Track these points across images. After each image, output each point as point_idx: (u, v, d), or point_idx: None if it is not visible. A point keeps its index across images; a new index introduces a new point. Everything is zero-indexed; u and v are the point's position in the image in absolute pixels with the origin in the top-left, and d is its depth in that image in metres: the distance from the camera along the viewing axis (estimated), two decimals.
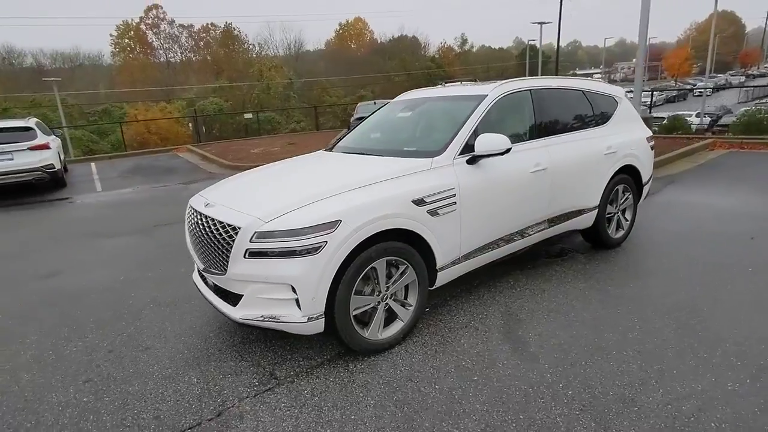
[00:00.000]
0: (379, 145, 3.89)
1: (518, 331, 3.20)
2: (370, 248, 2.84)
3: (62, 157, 12.16)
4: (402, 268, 3.05)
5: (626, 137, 4.57)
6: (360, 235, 2.75)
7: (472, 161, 3.37)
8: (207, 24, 55.78)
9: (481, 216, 3.43)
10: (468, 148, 3.37)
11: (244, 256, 2.71)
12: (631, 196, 4.74)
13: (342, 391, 2.67)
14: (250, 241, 2.68)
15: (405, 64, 53.07)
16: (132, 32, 53.55)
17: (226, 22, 50.89)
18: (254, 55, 49.72)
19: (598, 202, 4.37)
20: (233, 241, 2.74)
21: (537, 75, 35.67)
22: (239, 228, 2.73)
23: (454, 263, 3.34)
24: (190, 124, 23.47)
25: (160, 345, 3.31)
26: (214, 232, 2.90)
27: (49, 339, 3.50)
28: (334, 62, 54.71)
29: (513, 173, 3.61)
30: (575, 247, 4.76)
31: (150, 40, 53.85)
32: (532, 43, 45.74)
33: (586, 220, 4.34)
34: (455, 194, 3.22)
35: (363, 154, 3.79)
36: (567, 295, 3.69)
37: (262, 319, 2.76)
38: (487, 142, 3.31)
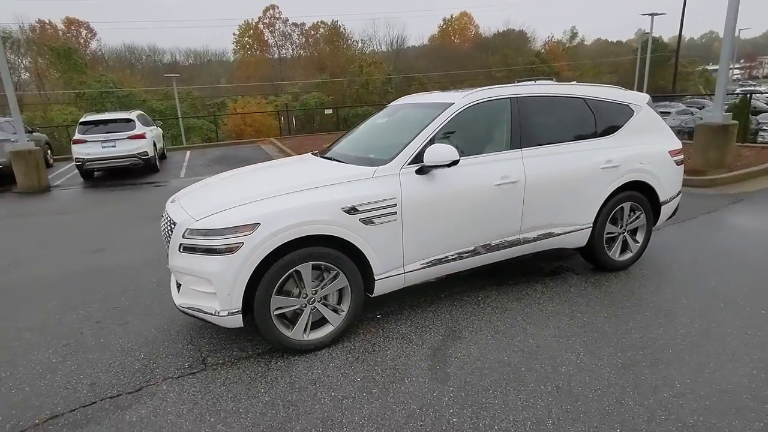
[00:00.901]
0: (351, 152, 3.96)
1: (449, 349, 3.11)
2: (294, 252, 2.96)
3: (159, 145, 13.75)
4: (333, 273, 3.12)
5: (636, 150, 4.12)
6: (279, 239, 2.89)
7: (421, 171, 3.32)
8: (317, 22, 58.72)
9: (431, 227, 3.37)
10: (421, 157, 3.33)
11: (179, 250, 2.99)
12: (643, 216, 4.27)
13: (249, 384, 2.84)
14: (182, 237, 2.95)
15: (507, 60, 51.25)
16: (251, 31, 58.28)
17: (333, 20, 53.20)
18: (356, 52, 51.39)
19: (593, 220, 4.01)
20: (173, 235, 3.03)
21: (648, 71, 32.46)
22: (176, 224, 3.01)
23: (396, 273, 3.32)
24: (282, 118, 25.11)
25: (136, 322, 3.73)
26: (166, 226, 3.23)
27: (62, 306, 4.12)
28: (435, 58, 54.57)
29: (473, 185, 3.48)
30: (573, 266, 4.42)
31: (266, 39, 58.17)
32: (653, 35, 41.56)
33: (577, 239, 4.02)
34: (396, 204, 3.20)
35: (334, 159, 3.89)
36: (527, 318, 3.48)
37: (192, 308, 3.02)
38: (434, 153, 3.25)
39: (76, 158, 11.18)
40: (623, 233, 4.26)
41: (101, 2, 68.47)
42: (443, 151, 3.23)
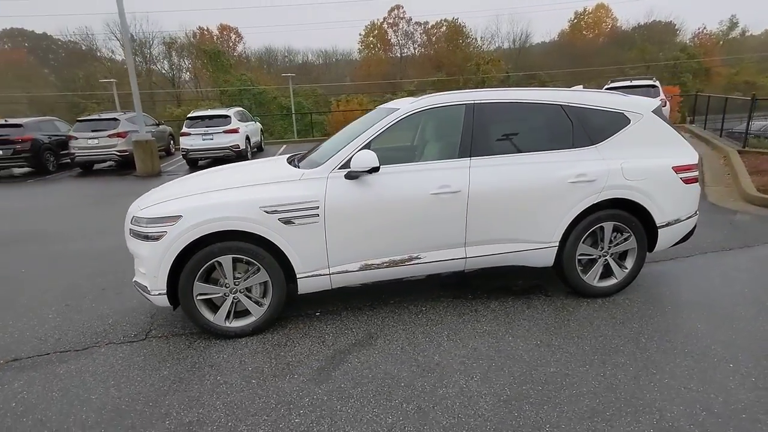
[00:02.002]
0: (314, 154, 4.10)
1: (351, 354, 3.14)
2: (214, 244, 3.24)
3: (255, 139, 15.13)
4: (254, 267, 3.35)
5: (623, 164, 3.64)
6: (199, 231, 3.19)
7: (349, 177, 3.37)
8: (441, 20, 58.87)
9: (360, 232, 3.41)
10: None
11: (129, 234, 3.45)
12: (633, 239, 3.77)
13: (162, 357, 3.20)
14: (130, 223, 3.40)
15: (645, 55, 46.13)
16: (376, 31, 60.47)
17: (453, 18, 52.80)
18: (474, 49, 50.47)
19: (560, 239, 3.66)
20: (125, 220, 3.52)
21: None
22: (128, 212, 3.49)
23: (321, 274, 3.43)
24: None
25: (128, 292, 4.32)
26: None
27: (95, 272, 4.91)
28: (561, 55, 51.28)
29: (405, 193, 3.43)
30: (550, 287, 4.05)
31: (389, 38, 59.90)
32: None
33: (542, 258, 3.70)
34: (318, 207, 3.31)
35: (294, 160, 4.08)
36: (452, 335, 3.34)
37: (137, 285, 3.47)
38: (358, 159, 3.29)
39: (182, 148, 12.88)
40: (605, 256, 3.80)
41: (250, 9, 76.43)
42: (365, 158, 3.26)
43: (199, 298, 3.32)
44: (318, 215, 3.32)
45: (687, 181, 3.79)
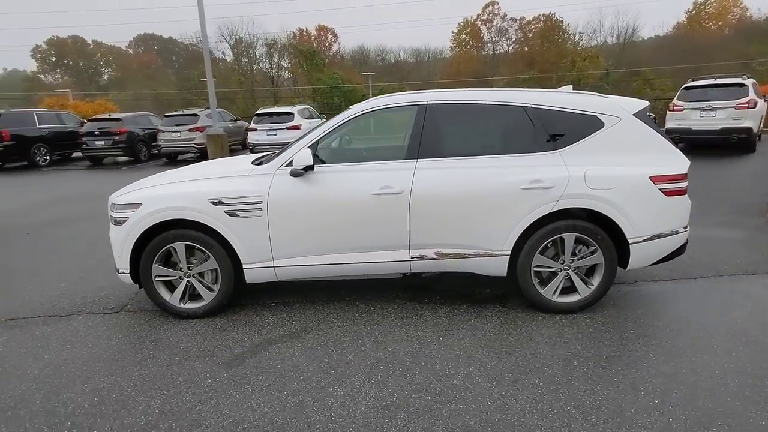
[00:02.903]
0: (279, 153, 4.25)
1: (273, 345, 3.26)
2: (169, 231, 3.55)
3: None
4: (205, 254, 3.60)
5: (587, 171, 3.35)
6: (155, 218, 3.50)
7: (294, 174, 3.48)
8: (538, 15, 56.33)
9: (302, 228, 3.51)
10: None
11: (109, 218, 3.88)
12: (600, 254, 3.45)
13: (114, 330, 3.56)
14: (110, 209, 3.82)
15: None
16: (468, 28, 59.48)
17: (550, 12, 50.06)
18: (571, 45, 47.56)
19: (511, 248, 3.47)
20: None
21: None
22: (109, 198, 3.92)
23: (266, 266, 3.59)
24: None
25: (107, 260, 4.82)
26: None
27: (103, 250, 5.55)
28: (673, 49, 46.52)
29: (347, 192, 3.46)
30: (518, 300, 3.83)
31: (481, 35, 58.60)
32: None
33: (493, 266, 3.53)
34: (261, 201, 3.47)
35: (262, 158, 4.25)
36: (381, 337, 3.32)
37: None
38: (297, 157, 3.40)
39: (248, 143, 13.82)
40: (566, 270, 3.52)
41: (346, 10, 78.99)
42: (302, 157, 3.36)
43: (157, 279, 3.64)
44: (261, 210, 3.47)
45: (669, 192, 3.38)
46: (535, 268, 3.50)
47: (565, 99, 3.56)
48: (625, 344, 3.10)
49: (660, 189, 3.36)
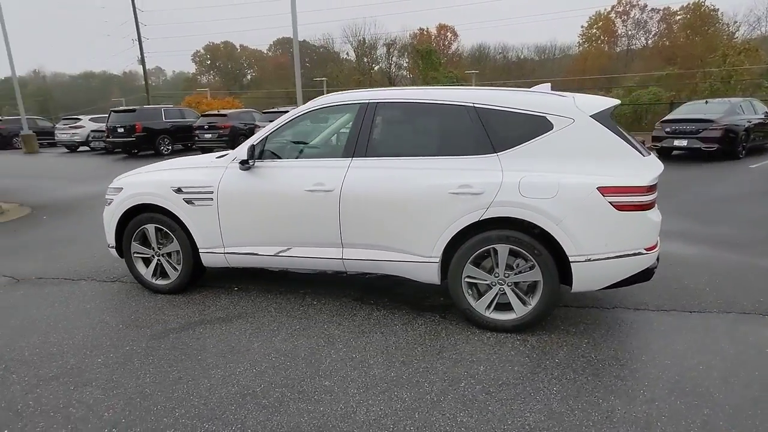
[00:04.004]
0: None
1: (204, 324, 3.50)
2: (142, 214, 4.00)
3: None
4: (170, 238, 3.99)
5: (522, 178, 3.03)
6: (131, 201, 3.97)
7: (243, 168, 3.68)
8: (688, 4, 49.92)
9: (244, 218, 3.72)
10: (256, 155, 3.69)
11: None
12: (537, 270, 3.10)
13: (96, 296, 4.10)
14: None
15: None
16: (600, 22, 54.83)
17: (701, 0, 43.75)
18: (726, 37, 41.19)
19: (440, 255, 3.28)
20: None
21: None
22: None
23: (217, 252, 3.85)
24: None
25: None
26: None
27: None
28: None
29: (284, 187, 3.57)
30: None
31: (615, 29, 53.61)
32: None
33: (424, 273, 3.37)
34: (212, 191, 3.74)
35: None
36: (297, 332, 3.37)
37: None
38: (238, 152, 3.60)
39: None
40: (501, 284, 3.22)
41: (470, 7, 77.62)
42: (240, 152, 3.56)
43: (135, 255, 4.12)
44: (212, 199, 3.74)
45: (622, 207, 2.92)
46: (468, 280, 3.27)
47: (514, 98, 3.25)
48: (534, 374, 2.77)
49: (610, 202, 2.92)
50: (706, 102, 12.42)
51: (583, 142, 3.06)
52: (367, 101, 3.50)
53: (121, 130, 16.26)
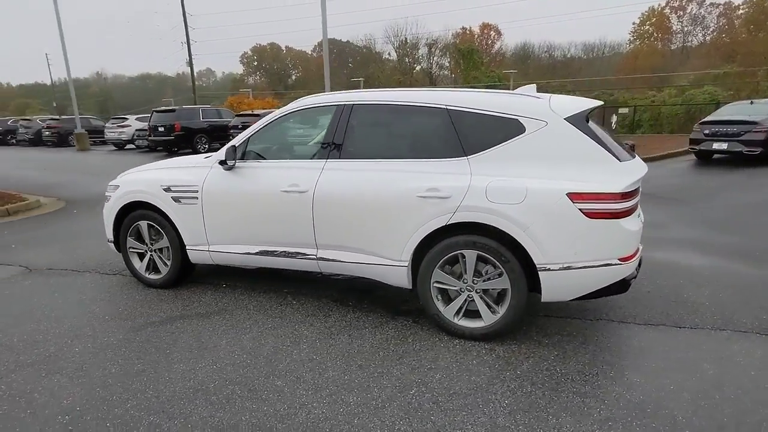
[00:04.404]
0: None
1: (184, 319, 3.60)
2: (137, 210, 4.16)
3: None
4: (161, 234, 4.13)
5: (490, 182, 2.93)
6: (127, 198, 4.14)
7: (226, 168, 3.76)
8: None
9: (225, 216, 3.80)
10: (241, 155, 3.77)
11: None
12: (505, 278, 3.00)
13: (95, 288, 4.29)
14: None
15: None
16: (654, 18, 52.38)
17: None
18: None
19: (410, 259, 3.23)
20: None
21: None
22: None
23: (202, 249, 3.96)
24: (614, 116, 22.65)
25: None
26: None
27: None
28: None
29: (262, 187, 3.62)
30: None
31: (669, 25, 51.07)
32: None
33: (395, 276, 3.33)
34: (197, 191, 3.84)
35: None
36: (267, 331, 3.41)
37: None
38: (220, 153, 3.69)
39: None
40: (469, 291, 3.13)
41: (514, 4, 75.85)
42: (221, 153, 3.64)
43: (130, 250, 4.29)
44: (197, 198, 3.84)
45: (593, 214, 2.77)
46: (437, 285, 3.20)
47: (487, 100, 3.15)
48: (490, 385, 2.67)
49: (580, 209, 2.77)
50: (752, 102, 11.59)
51: (556, 146, 2.93)
52: (344, 103, 3.50)
53: (161, 129, 16.99)
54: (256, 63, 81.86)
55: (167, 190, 3.93)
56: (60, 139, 23.84)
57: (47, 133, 24.16)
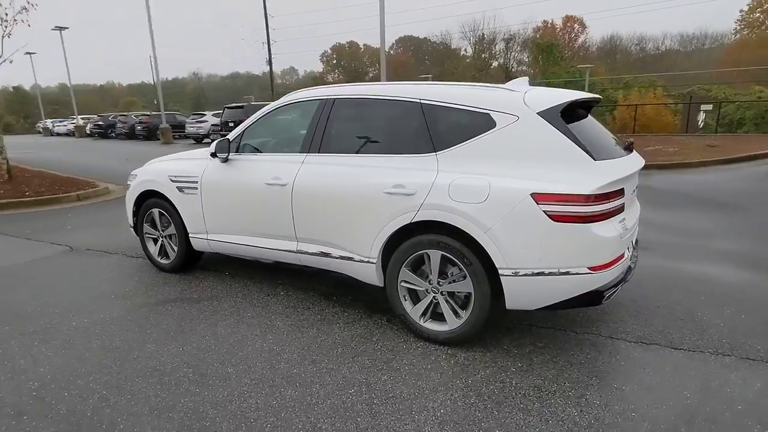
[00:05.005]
0: None
1: (175, 302, 3.80)
2: (151, 199, 4.46)
3: None
4: (169, 221, 4.39)
5: (454, 180, 2.79)
6: (142, 186, 4.45)
7: (222, 160, 3.91)
8: None
9: (219, 207, 3.95)
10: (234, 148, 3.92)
11: None
12: (468, 281, 2.84)
13: (116, 269, 4.65)
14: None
15: None
16: (766, 5, 46.71)
17: None
18: None
19: (378, 256, 3.16)
20: None
21: None
22: None
23: (202, 237, 4.15)
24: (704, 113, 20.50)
25: None
26: None
27: None
28: None
29: (249, 179, 3.71)
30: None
31: None
32: None
33: (366, 273, 3.28)
34: (197, 181, 4.03)
35: None
36: (244, 320, 3.50)
37: None
38: (212, 146, 3.84)
39: None
40: (435, 293, 3.00)
41: None
42: (212, 145, 3.78)
43: (146, 235, 4.61)
44: (197, 188, 4.03)
45: (558, 217, 2.54)
46: (404, 284, 3.11)
47: (461, 93, 2.99)
48: (434, 392, 2.55)
49: (545, 211, 2.56)
50: None
51: (526, 142, 2.72)
52: (327, 97, 3.49)
53: (231, 124, 18.01)
54: (335, 61, 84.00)
55: (173, 180, 4.17)
56: (149, 133, 26.09)
57: (139, 127, 26.57)
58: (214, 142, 3.84)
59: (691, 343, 2.97)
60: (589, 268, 2.57)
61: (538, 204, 2.56)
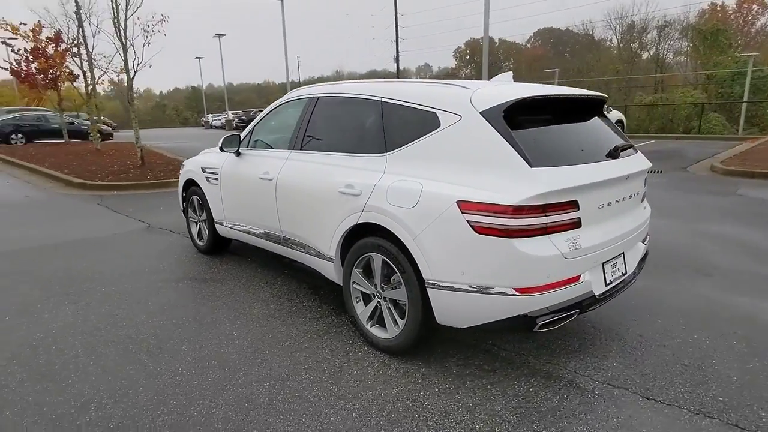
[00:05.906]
0: None
1: (187, 280, 4.21)
2: (192, 187, 4.99)
3: None
4: (203, 208, 4.86)
5: (394, 182, 2.66)
6: (185, 176, 5.00)
7: (236, 154, 4.22)
8: None
9: (231, 197, 4.28)
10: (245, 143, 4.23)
11: None
12: (403, 288, 2.69)
13: (156, 242, 5.29)
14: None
15: None
16: None
17: None
18: None
19: (336, 255, 3.15)
20: None
21: None
22: None
23: (222, 224, 4.52)
24: None
25: None
26: None
27: None
28: None
29: (249, 173, 3.94)
30: None
31: None
32: None
33: (329, 270, 3.29)
34: (218, 173, 4.41)
35: None
36: (229, 308, 3.75)
37: None
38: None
39: None
40: (379, 298, 2.90)
41: None
42: (221, 141, 4.10)
43: (190, 219, 5.16)
44: (218, 179, 4.40)
45: (482, 229, 2.28)
46: (356, 286, 3.06)
47: (412, 90, 2.83)
48: (338, 401, 2.47)
49: (468, 221, 2.31)
50: None
51: (465, 144, 2.47)
52: (312, 96, 3.55)
53: None
54: (468, 57, 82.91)
55: (204, 171, 4.60)
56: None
57: None
58: (223, 137, 4.15)
59: (669, 395, 2.43)
60: (516, 290, 2.26)
61: (462, 213, 2.32)
